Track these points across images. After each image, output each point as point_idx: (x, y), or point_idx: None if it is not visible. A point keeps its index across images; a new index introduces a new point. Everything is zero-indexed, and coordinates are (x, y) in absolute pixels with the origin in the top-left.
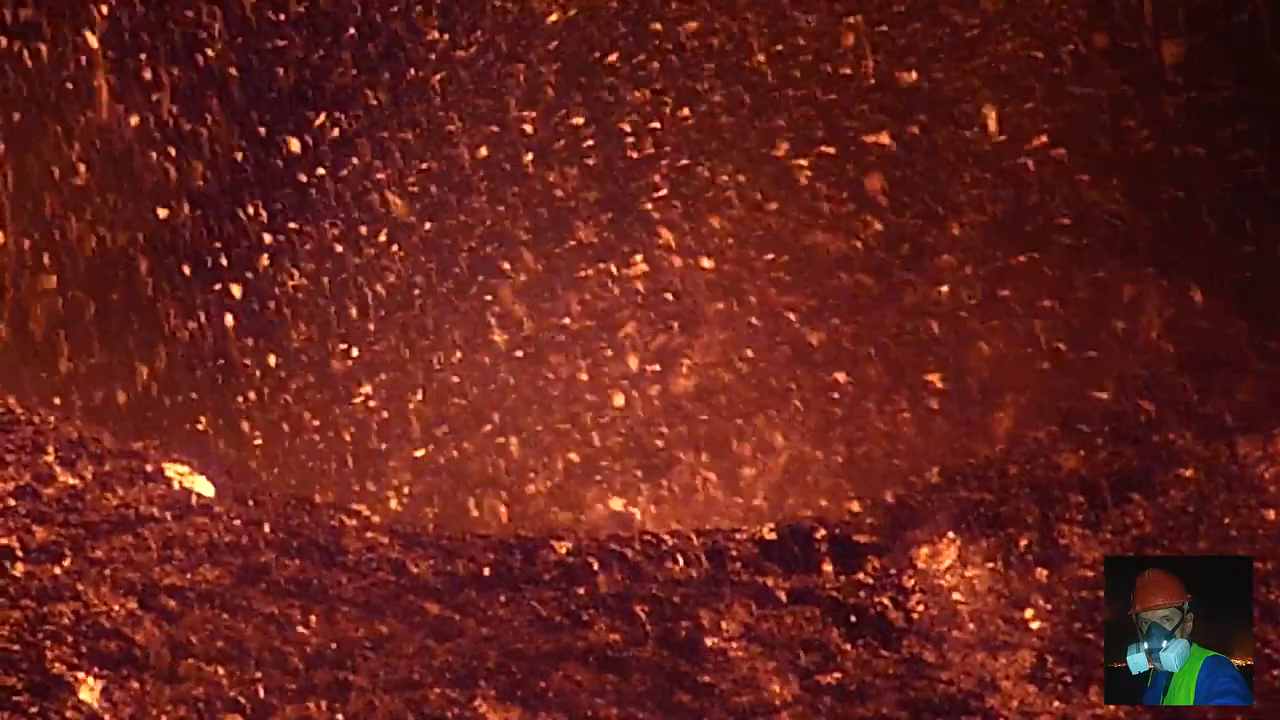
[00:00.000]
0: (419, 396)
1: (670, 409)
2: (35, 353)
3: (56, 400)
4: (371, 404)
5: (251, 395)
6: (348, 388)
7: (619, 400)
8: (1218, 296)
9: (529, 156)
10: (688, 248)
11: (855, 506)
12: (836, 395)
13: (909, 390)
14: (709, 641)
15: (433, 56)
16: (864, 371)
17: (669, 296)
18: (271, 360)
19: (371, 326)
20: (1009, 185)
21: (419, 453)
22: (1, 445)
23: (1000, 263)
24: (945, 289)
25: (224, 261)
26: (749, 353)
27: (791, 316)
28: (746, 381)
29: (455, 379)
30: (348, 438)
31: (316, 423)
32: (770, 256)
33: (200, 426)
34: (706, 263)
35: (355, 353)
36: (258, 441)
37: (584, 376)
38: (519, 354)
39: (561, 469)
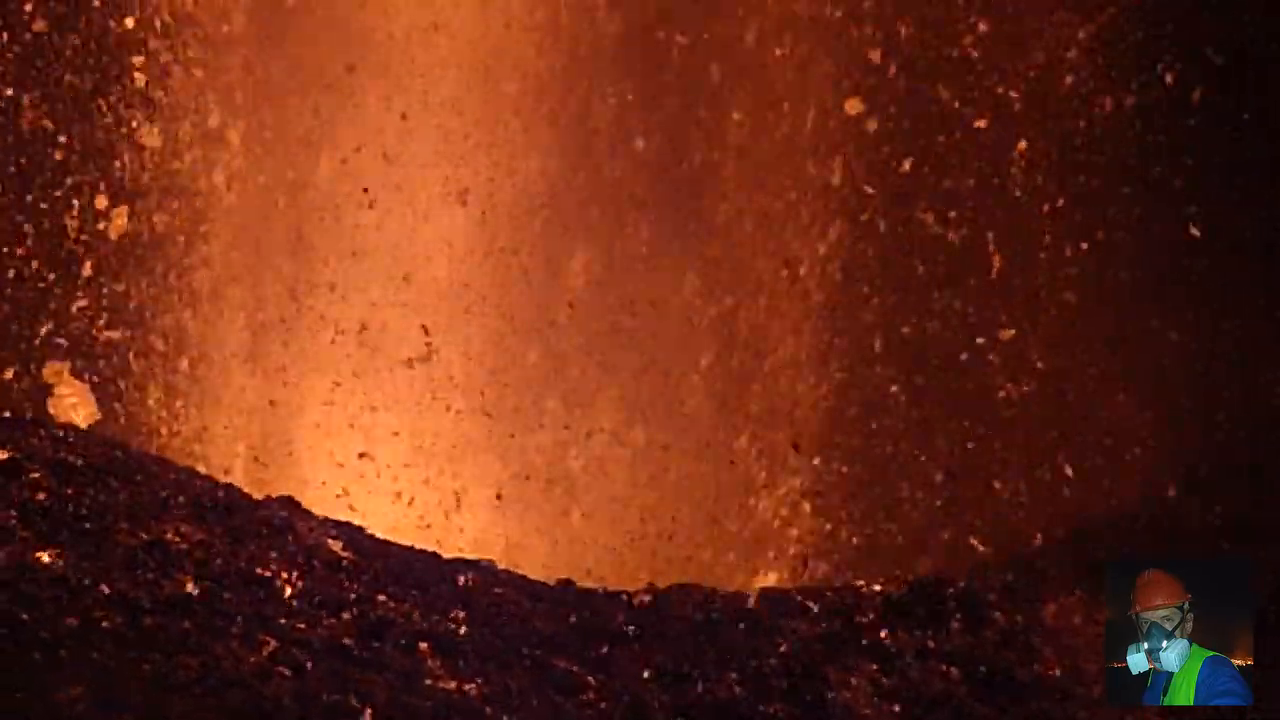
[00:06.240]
0: None
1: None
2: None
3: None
4: None
5: None
6: None
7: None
8: None
9: None
10: None
11: (983, 563)
12: (963, 452)
13: (1035, 449)
14: (837, 698)
15: None
16: (987, 430)
17: None
18: None
19: None
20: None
21: None
22: (130, 498)
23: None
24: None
25: None
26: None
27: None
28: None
29: None
30: None
31: None
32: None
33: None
34: None
35: None
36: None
37: None
38: None
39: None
